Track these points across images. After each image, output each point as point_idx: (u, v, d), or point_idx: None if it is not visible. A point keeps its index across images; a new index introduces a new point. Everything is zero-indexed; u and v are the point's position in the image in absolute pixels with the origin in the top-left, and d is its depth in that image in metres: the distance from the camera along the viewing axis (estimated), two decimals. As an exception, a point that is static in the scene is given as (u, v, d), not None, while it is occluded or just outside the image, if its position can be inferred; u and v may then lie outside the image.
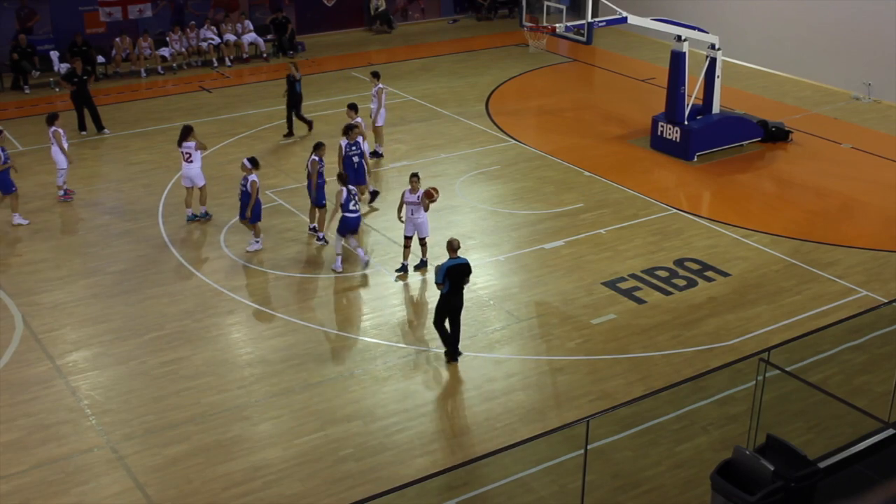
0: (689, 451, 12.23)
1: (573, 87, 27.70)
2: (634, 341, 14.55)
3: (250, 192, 16.70)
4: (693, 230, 18.19)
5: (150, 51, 27.82)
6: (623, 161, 21.62)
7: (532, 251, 17.33)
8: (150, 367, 13.83)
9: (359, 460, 11.95)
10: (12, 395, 13.18)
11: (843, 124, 24.12)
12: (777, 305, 15.55)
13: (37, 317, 15.06)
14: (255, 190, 16.72)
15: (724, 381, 13.41)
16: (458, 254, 13.71)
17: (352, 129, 18.15)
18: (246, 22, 29.65)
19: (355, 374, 13.72)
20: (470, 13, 35.13)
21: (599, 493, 11.39)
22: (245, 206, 16.85)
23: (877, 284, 16.21)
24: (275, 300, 15.70)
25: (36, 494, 11.35)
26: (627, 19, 21.57)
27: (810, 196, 20.02)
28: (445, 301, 13.57)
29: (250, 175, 16.75)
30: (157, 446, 12.19)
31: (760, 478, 9.72)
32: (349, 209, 16.14)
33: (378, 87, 21.19)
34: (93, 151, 21.91)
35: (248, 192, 16.73)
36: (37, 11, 27.59)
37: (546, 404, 13.12)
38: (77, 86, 22.41)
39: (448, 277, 13.41)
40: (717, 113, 22.11)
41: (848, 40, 26.05)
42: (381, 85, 21.27)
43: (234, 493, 11.40)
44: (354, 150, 18.10)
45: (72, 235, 18.02)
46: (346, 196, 16.08)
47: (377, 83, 21.28)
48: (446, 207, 18.90)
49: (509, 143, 22.57)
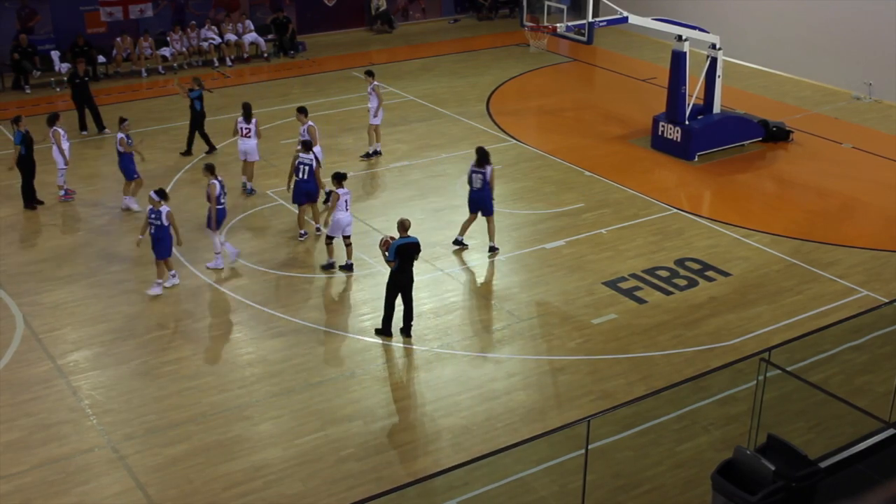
0: (690, 451, 12.23)
1: (574, 86, 27.70)
2: (635, 341, 14.55)
3: (165, 224, 15.40)
4: (694, 230, 18.18)
5: (150, 50, 27.83)
6: (624, 161, 21.62)
7: (533, 251, 17.33)
8: (150, 367, 13.84)
9: (359, 460, 11.95)
10: (13, 394, 13.19)
11: (843, 124, 24.12)
12: (778, 305, 15.55)
13: (38, 316, 15.07)
14: (173, 218, 15.49)
15: (724, 380, 13.40)
16: (409, 233, 14.33)
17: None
18: (247, 22, 29.65)
19: (356, 374, 13.72)
20: (471, 13, 35.12)
21: (600, 493, 11.39)
22: (157, 240, 15.51)
23: (877, 284, 16.20)
24: (275, 300, 15.70)
25: (37, 494, 11.36)
26: (628, 19, 21.57)
27: (811, 196, 20.02)
28: (394, 278, 14.24)
29: (161, 207, 15.42)
30: (157, 446, 12.19)
31: (761, 478, 9.72)
32: (221, 202, 16.29)
33: (374, 84, 21.01)
34: (94, 151, 21.90)
35: (162, 225, 15.39)
36: (37, 11, 27.59)
37: (547, 404, 13.12)
38: (78, 87, 22.42)
39: (398, 255, 14.02)
40: (718, 113, 22.10)
41: (849, 40, 26.04)
42: (376, 83, 21.11)
43: (235, 493, 11.40)
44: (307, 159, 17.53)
45: (72, 235, 18.02)
46: (219, 189, 16.20)
47: (372, 81, 21.10)
48: (447, 207, 18.91)
49: (510, 142, 22.57)
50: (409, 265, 14.29)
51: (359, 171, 20.74)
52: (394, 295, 14.40)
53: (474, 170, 16.83)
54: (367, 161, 21.16)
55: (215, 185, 16.21)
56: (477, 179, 16.82)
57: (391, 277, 14.32)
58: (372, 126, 21.29)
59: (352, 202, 16.56)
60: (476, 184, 16.82)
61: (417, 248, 14.30)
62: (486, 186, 16.81)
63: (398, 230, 14.35)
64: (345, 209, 16.09)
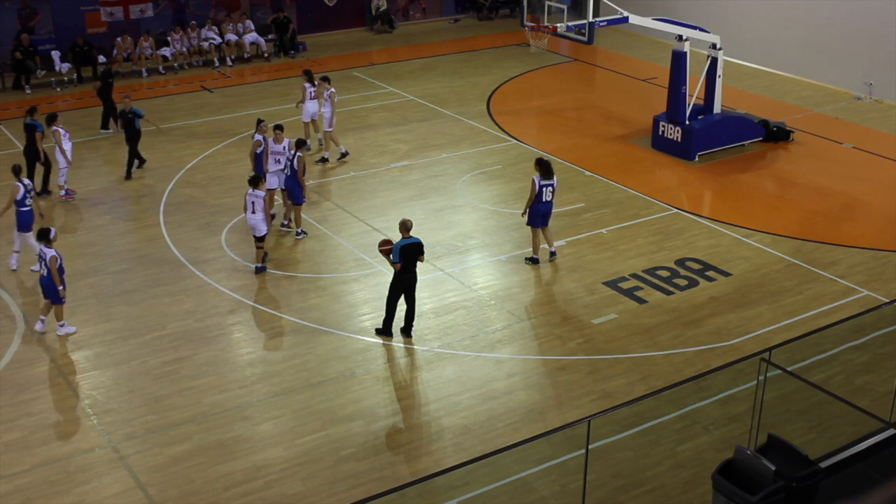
0: (691, 451, 12.23)
1: (574, 86, 27.69)
2: (636, 341, 14.54)
3: (49, 267, 14.16)
4: (694, 230, 18.18)
5: (151, 50, 27.84)
6: (624, 161, 21.62)
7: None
8: (151, 367, 13.84)
9: (360, 460, 11.95)
10: (14, 394, 13.19)
11: (844, 124, 24.11)
12: (778, 305, 15.55)
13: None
14: (55, 266, 14.19)
15: (725, 380, 13.40)
16: (411, 233, 14.35)
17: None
18: (247, 22, 29.66)
19: (356, 374, 13.72)
20: (471, 13, 35.13)
21: (601, 493, 11.39)
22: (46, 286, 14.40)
23: (878, 284, 16.20)
24: (275, 300, 15.71)
25: (37, 494, 11.36)
26: (629, 19, 21.57)
27: (811, 196, 20.02)
28: (399, 279, 14.28)
29: (48, 249, 14.21)
30: (158, 446, 12.19)
31: (762, 478, 9.72)
32: (26, 204, 16.22)
33: (330, 90, 20.74)
34: (94, 152, 21.90)
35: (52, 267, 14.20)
36: (38, 11, 27.59)
37: (547, 404, 13.12)
38: (110, 85, 22.69)
39: (402, 256, 14.06)
40: (719, 113, 22.09)
41: (849, 40, 26.04)
42: (332, 89, 20.85)
43: (236, 493, 11.40)
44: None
45: (73, 235, 18.02)
46: (22, 193, 16.13)
47: (329, 87, 20.78)
48: (447, 207, 18.92)
49: (510, 142, 22.57)
50: (413, 265, 14.32)
51: (359, 171, 20.75)
52: (397, 295, 14.41)
53: (543, 183, 16.29)
54: (319, 166, 20.89)
55: (19, 187, 16.08)
56: (548, 192, 16.35)
57: (396, 277, 14.34)
58: (328, 133, 21.03)
59: (260, 209, 16.11)
60: (547, 196, 16.35)
61: (420, 248, 14.31)
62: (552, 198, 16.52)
63: (400, 231, 14.35)
64: (251, 211, 16.10)
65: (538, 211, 16.43)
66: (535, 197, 16.28)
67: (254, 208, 16.09)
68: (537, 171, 16.38)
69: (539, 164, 16.45)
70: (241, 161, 20.73)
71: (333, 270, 16.58)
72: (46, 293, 14.45)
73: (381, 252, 14.60)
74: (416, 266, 14.38)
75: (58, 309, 14.51)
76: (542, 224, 16.63)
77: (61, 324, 14.59)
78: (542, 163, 16.49)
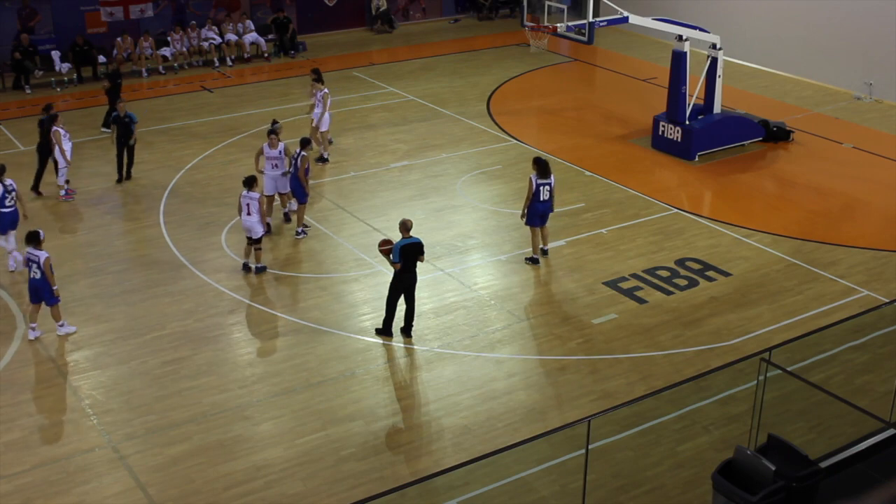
0: (691, 451, 12.23)
1: (574, 86, 27.69)
2: (636, 341, 14.54)
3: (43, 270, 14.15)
4: (694, 230, 18.18)
5: (151, 50, 27.83)
6: (624, 161, 21.62)
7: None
8: (151, 367, 13.84)
9: (360, 460, 11.95)
10: (14, 394, 13.19)
11: (844, 124, 24.11)
12: (778, 305, 15.55)
13: (38, 316, 15.05)
14: (48, 267, 14.18)
15: (725, 380, 13.40)
16: (411, 233, 14.36)
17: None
18: (247, 22, 29.65)
19: (356, 374, 13.72)
20: (471, 13, 35.12)
21: (600, 493, 11.39)
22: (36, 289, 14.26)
23: (878, 284, 16.20)
24: (275, 300, 15.71)
25: (37, 494, 11.36)
26: (629, 19, 21.56)
27: (811, 196, 20.02)
28: (399, 278, 14.29)
29: (40, 252, 14.20)
30: (158, 446, 12.19)
31: (762, 478, 9.72)
32: (6, 205, 16.19)
33: (323, 91, 20.76)
34: (94, 152, 21.89)
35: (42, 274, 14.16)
36: (38, 11, 27.59)
37: (547, 404, 13.12)
38: (119, 86, 22.66)
39: (402, 256, 14.08)
40: (719, 113, 22.09)
41: (849, 40, 26.03)
42: (325, 90, 20.85)
43: (236, 493, 11.40)
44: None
45: (73, 235, 18.03)
46: (0, 192, 16.10)
47: (321, 87, 20.80)
48: (448, 207, 18.92)
49: (510, 142, 22.57)
50: (413, 265, 14.34)
51: (359, 171, 20.75)
52: (398, 295, 14.43)
53: (540, 182, 16.31)
54: (318, 166, 20.84)
55: None
56: (545, 191, 16.36)
57: (396, 277, 14.35)
58: (323, 133, 21.03)
59: (255, 210, 16.05)
60: (544, 195, 16.38)
61: (420, 248, 14.32)
62: (551, 197, 16.54)
63: (400, 231, 14.36)
64: (245, 212, 16.07)
65: (536, 211, 16.46)
66: (533, 196, 16.30)
67: (248, 210, 16.07)
68: (534, 169, 16.41)
69: (536, 163, 16.48)
70: (241, 161, 20.75)
71: (333, 270, 16.58)
72: (36, 296, 14.34)
73: (381, 252, 14.62)
74: (416, 266, 14.39)
75: (54, 309, 14.47)
76: (540, 224, 16.66)
77: (60, 323, 14.58)
78: (540, 161, 16.51)
